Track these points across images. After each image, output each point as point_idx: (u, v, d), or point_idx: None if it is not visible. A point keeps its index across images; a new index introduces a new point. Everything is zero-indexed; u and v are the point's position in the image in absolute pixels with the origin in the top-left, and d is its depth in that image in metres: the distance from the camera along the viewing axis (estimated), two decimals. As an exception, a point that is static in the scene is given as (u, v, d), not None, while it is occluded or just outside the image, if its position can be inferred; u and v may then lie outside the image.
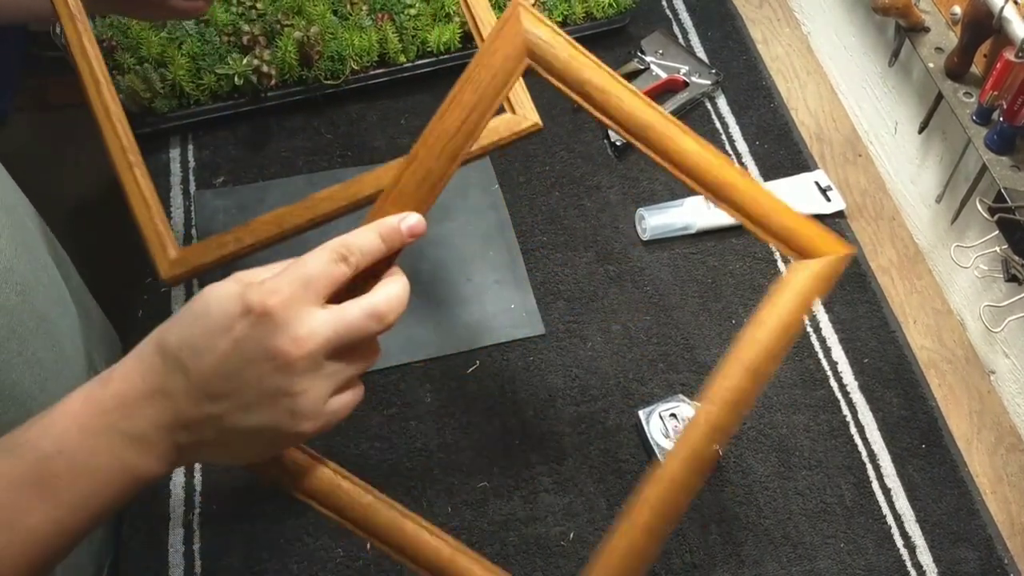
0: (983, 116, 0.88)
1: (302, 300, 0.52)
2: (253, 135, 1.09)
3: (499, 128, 0.75)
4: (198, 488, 0.84)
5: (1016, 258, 0.85)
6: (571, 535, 0.83)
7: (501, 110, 0.73)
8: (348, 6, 1.11)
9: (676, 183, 1.05)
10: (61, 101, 1.60)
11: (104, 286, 0.97)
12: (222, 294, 0.52)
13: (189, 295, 0.95)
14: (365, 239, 0.55)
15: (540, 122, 0.76)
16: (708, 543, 0.82)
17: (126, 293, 0.97)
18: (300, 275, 0.53)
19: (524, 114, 0.76)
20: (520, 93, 0.77)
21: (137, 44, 1.07)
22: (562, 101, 1.12)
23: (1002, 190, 0.85)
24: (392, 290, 0.55)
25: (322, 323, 0.52)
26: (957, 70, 0.92)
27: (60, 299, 0.84)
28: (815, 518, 0.84)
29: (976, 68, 0.92)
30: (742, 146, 1.09)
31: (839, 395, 0.91)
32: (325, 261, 0.53)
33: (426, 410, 0.89)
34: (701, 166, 0.59)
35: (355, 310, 0.54)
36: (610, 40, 1.17)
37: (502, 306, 0.95)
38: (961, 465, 0.87)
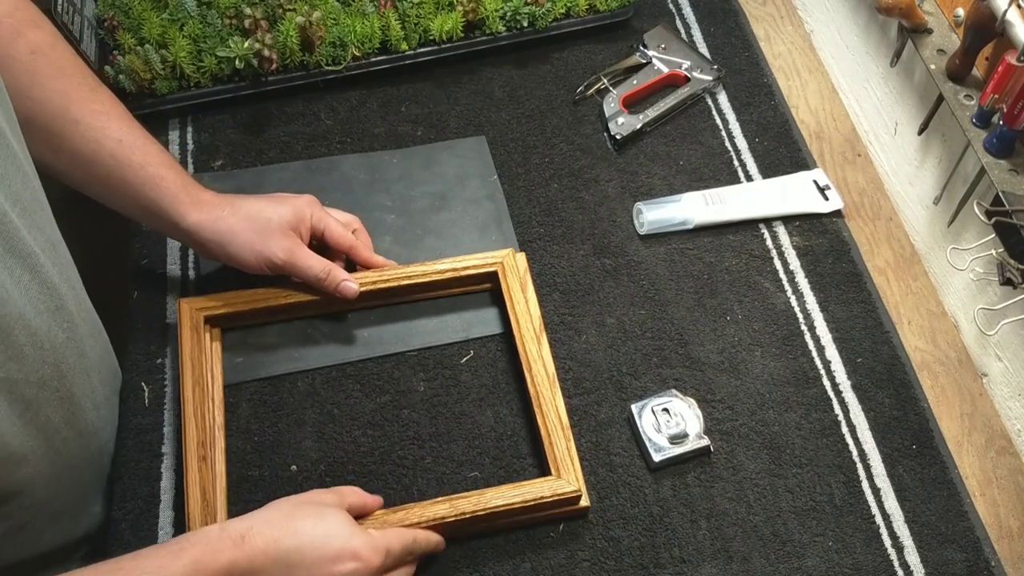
0: (983, 119, 0.88)
1: (385, 568, 0.73)
2: (253, 119, 1.08)
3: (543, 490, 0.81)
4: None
5: (1012, 262, 0.86)
6: (561, 527, 0.83)
7: (547, 472, 0.83)
8: (351, -8, 1.10)
9: (675, 178, 1.06)
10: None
11: (97, 273, 0.97)
12: (338, 529, 0.71)
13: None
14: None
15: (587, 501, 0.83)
16: (697, 538, 0.83)
17: (119, 279, 0.97)
18: (393, 548, 0.73)
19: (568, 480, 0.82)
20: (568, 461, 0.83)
21: (138, 24, 1.07)
22: (562, 92, 1.12)
23: (1000, 193, 0.85)
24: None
25: None
26: (958, 72, 0.92)
27: (95, 330, 0.84)
28: (804, 516, 0.84)
29: (978, 71, 0.92)
30: (741, 143, 1.09)
31: (831, 394, 0.91)
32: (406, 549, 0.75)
33: (419, 399, 0.89)
34: None
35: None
36: (613, 33, 1.17)
37: (497, 299, 0.95)
38: (951, 467, 0.88)
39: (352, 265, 0.93)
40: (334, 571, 0.69)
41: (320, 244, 0.91)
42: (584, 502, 0.82)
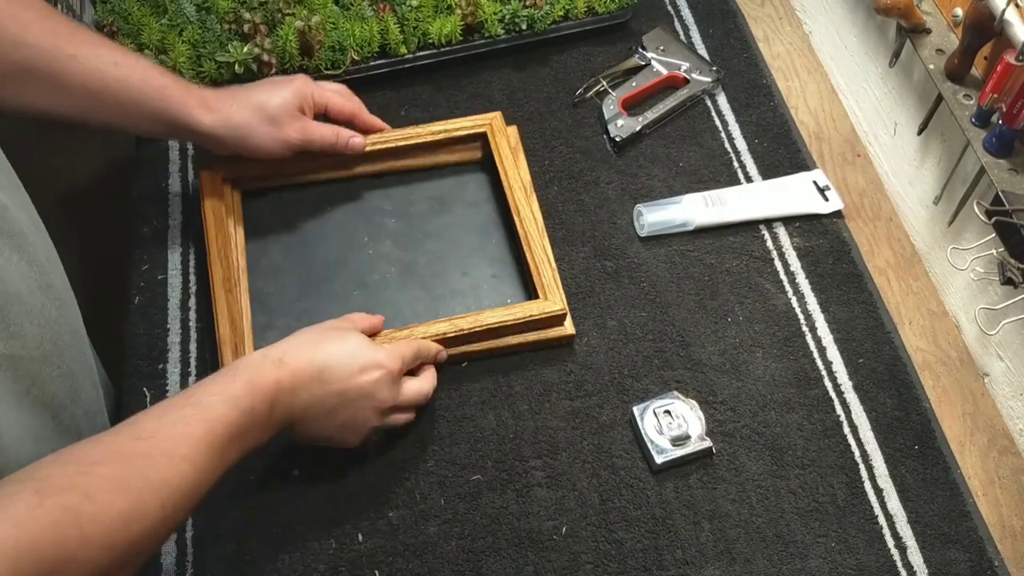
0: (982, 119, 0.88)
1: (403, 371, 0.83)
2: (252, 124, 1.08)
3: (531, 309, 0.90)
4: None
5: (1012, 261, 0.86)
6: (563, 529, 0.83)
7: (535, 296, 0.92)
8: (349, -4, 1.10)
9: (675, 180, 1.06)
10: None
11: (98, 278, 0.97)
12: (360, 347, 0.79)
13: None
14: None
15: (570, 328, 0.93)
16: (700, 540, 0.83)
17: (119, 285, 0.97)
18: (406, 355, 0.83)
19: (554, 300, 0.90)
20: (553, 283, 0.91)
21: (138, 30, 1.07)
22: (561, 95, 1.12)
23: (1000, 193, 0.85)
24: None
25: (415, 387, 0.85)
26: (957, 72, 0.92)
27: (79, 310, 0.84)
28: (807, 517, 0.84)
29: (976, 70, 0.92)
30: (741, 144, 1.09)
31: (833, 395, 0.91)
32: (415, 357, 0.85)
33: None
34: None
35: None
36: (611, 35, 1.17)
37: (498, 300, 0.95)
38: (953, 467, 0.88)
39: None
40: (362, 380, 0.78)
41: (323, 116, 0.98)
42: (569, 326, 0.92)
